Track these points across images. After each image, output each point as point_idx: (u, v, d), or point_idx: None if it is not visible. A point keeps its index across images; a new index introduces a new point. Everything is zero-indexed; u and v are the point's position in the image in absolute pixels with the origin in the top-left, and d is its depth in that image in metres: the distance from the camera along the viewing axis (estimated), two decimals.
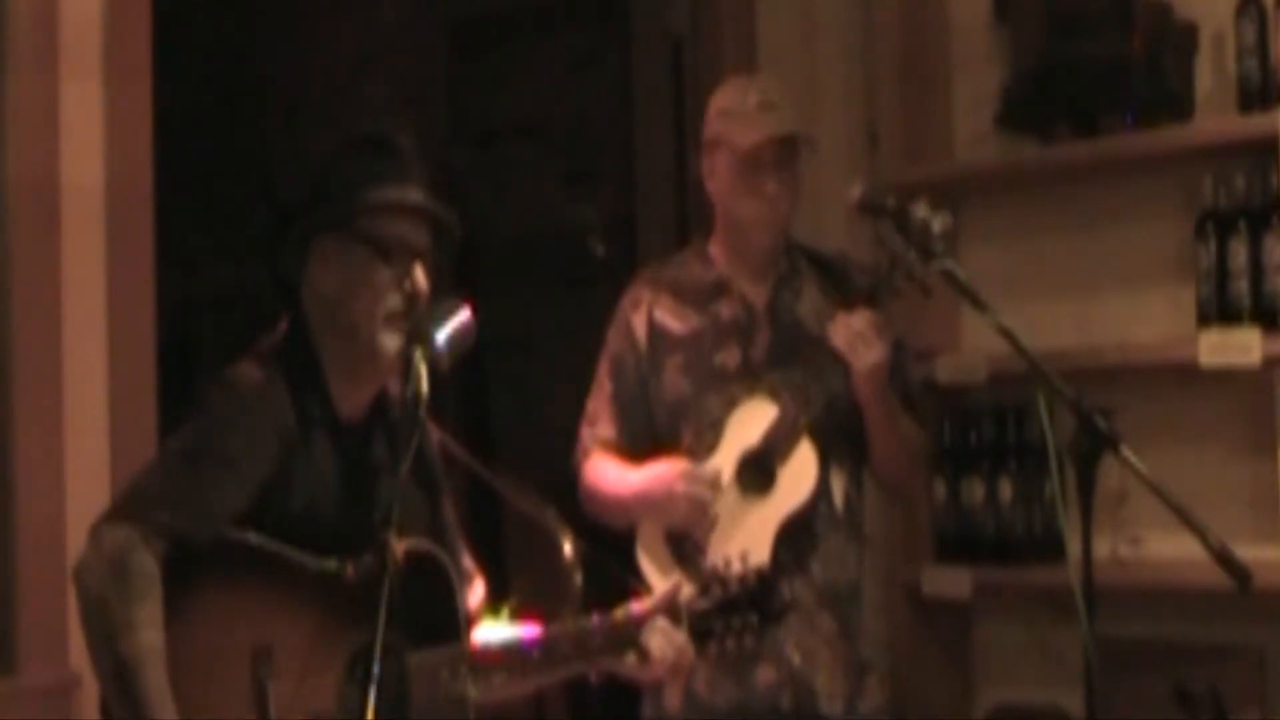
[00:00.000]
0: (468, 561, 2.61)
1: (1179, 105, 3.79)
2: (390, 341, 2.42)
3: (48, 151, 3.21)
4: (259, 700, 2.22)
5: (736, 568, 2.61)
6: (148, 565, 2.24)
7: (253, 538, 2.32)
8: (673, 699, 3.15)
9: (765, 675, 3.12)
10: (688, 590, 2.62)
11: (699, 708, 3.12)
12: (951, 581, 3.98)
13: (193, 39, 5.12)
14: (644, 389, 3.26)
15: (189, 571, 2.27)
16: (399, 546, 2.29)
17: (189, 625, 2.26)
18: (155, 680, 2.19)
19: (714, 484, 3.07)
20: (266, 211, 2.67)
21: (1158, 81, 3.76)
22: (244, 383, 2.42)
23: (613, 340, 3.31)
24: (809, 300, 3.27)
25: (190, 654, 2.24)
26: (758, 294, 3.26)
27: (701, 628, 2.58)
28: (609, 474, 3.23)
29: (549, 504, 2.88)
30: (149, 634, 2.21)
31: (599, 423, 3.28)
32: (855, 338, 3.05)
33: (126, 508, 2.31)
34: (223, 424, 2.37)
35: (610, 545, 3.09)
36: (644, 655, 2.55)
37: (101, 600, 2.22)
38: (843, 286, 3.25)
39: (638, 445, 3.24)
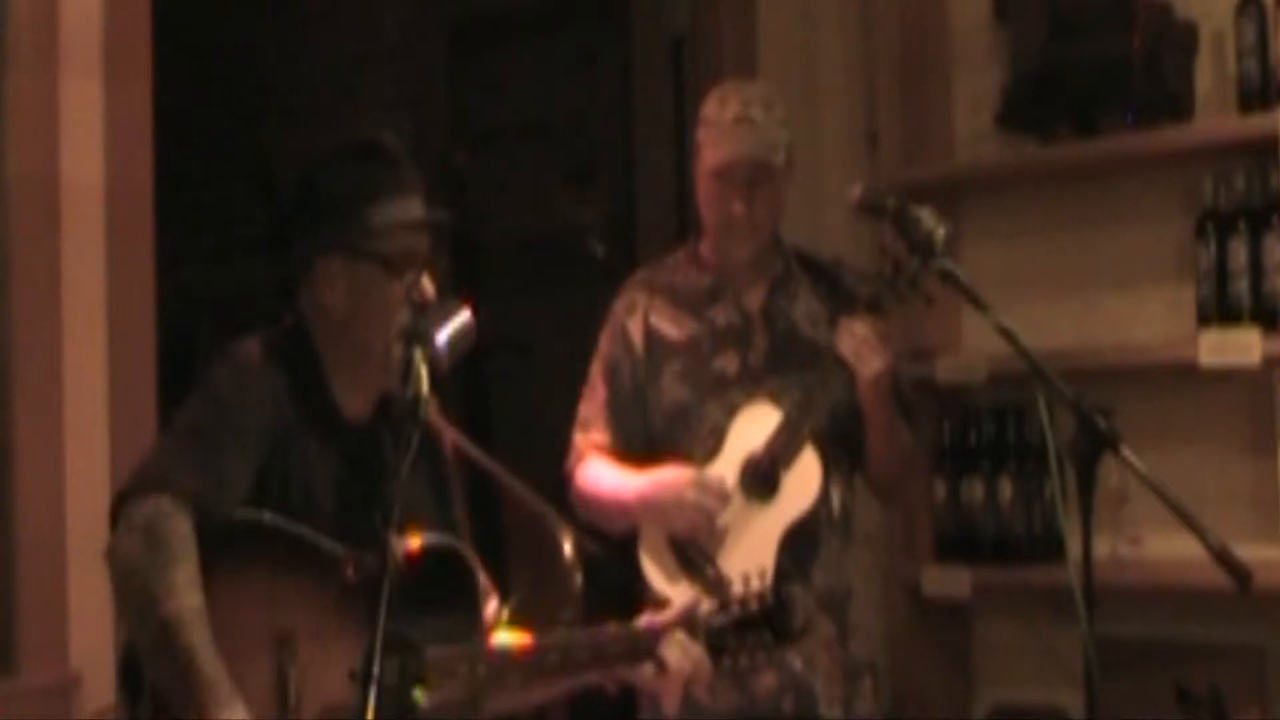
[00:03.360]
0: (482, 578, 2.60)
1: (1179, 105, 3.79)
2: (400, 351, 2.42)
3: (48, 151, 3.21)
4: (280, 687, 2.22)
5: (755, 586, 2.61)
6: (182, 528, 2.22)
7: (269, 517, 2.31)
8: (670, 705, 3.14)
9: (767, 681, 3.12)
10: (705, 605, 2.62)
11: (699, 713, 3.11)
12: (951, 581, 3.98)
13: (193, 39, 5.12)
14: (640, 395, 3.24)
15: (204, 551, 2.26)
16: (414, 542, 2.30)
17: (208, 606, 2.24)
18: (201, 638, 2.17)
19: (723, 495, 3.06)
20: (267, 219, 2.67)
21: (1158, 81, 3.76)
22: (244, 357, 2.43)
23: (606, 345, 3.30)
24: (803, 304, 3.26)
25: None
26: (752, 298, 3.25)
27: (716, 643, 2.58)
28: (607, 476, 3.22)
29: (549, 505, 2.89)
30: (191, 596, 2.19)
31: (593, 428, 3.27)
32: (861, 344, 3.05)
33: (148, 480, 2.29)
34: (224, 395, 2.38)
35: (613, 547, 3.09)
36: (661, 666, 2.55)
37: (137, 570, 2.20)
38: (838, 292, 3.25)
39: (632, 451, 3.23)
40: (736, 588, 2.62)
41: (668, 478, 3.11)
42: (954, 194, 4.17)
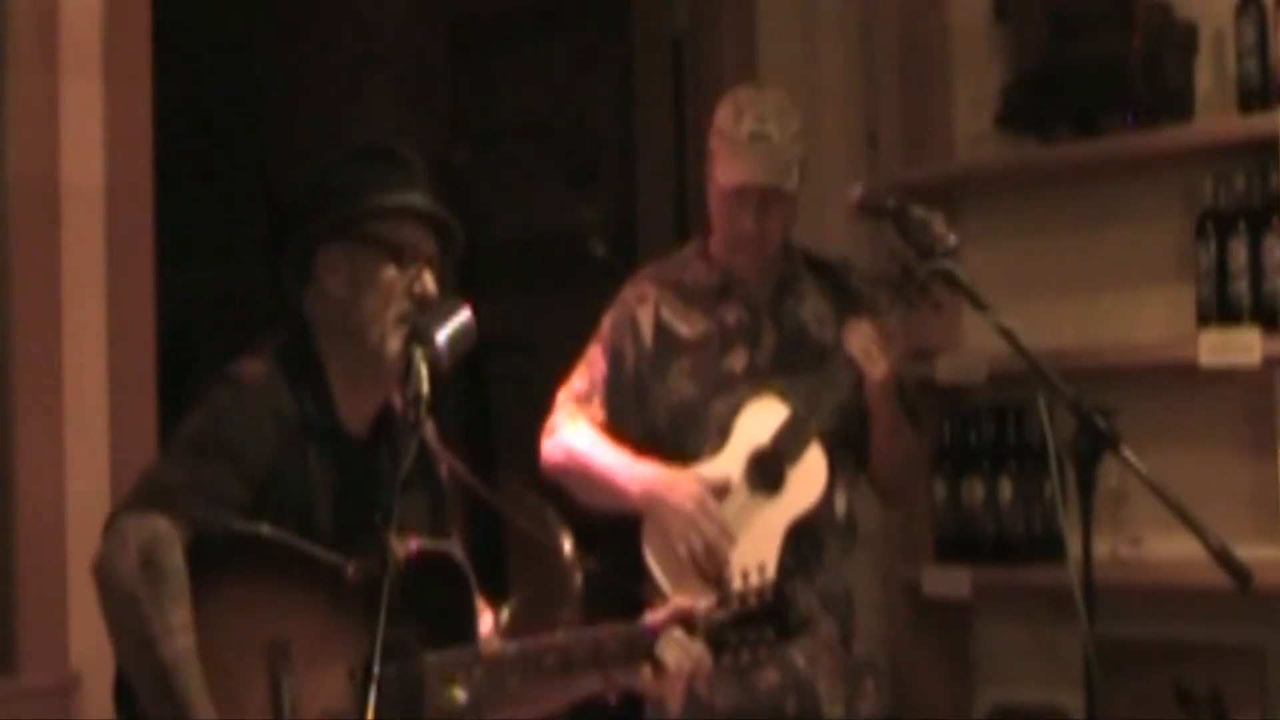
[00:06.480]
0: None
1: (1179, 105, 3.79)
2: (398, 344, 2.42)
3: (48, 151, 3.21)
4: (274, 697, 2.22)
5: (755, 581, 2.60)
6: (177, 561, 2.23)
7: (265, 529, 2.31)
8: (673, 706, 3.14)
9: (769, 679, 3.12)
10: (704, 601, 2.61)
11: (701, 710, 3.11)
12: (951, 581, 3.98)
13: (193, 39, 5.12)
14: (641, 385, 3.23)
15: (202, 564, 2.26)
16: (412, 546, 2.30)
17: (202, 618, 2.24)
18: (195, 684, 2.19)
19: (721, 527, 3.04)
20: (268, 218, 2.68)
21: (1158, 81, 3.76)
22: (246, 376, 2.42)
23: (612, 329, 3.28)
24: (811, 304, 3.26)
25: (203, 647, 2.24)
26: (761, 296, 3.25)
27: (717, 639, 2.57)
28: (602, 451, 3.19)
29: (548, 505, 2.88)
30: (186, 637, 2.21)
31: (589, 402, 3.24)
32: (869, 344, 3.05)
33: (148, 497, 2.29)
34: (225, 416, 2.37)
35: (615, 544, 3.09)
36: (659, 667, 2.54)
37: (135, 601, 2.21)
38: (845, 293, 3.25)
39: (621, 437, 3.22)
40: (736, 583, 2.62)
41: (675, 484, 3.10)
42: (954, 194, 4.17)
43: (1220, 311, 3.63)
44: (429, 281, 2.46)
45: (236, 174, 6.11)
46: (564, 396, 3.28)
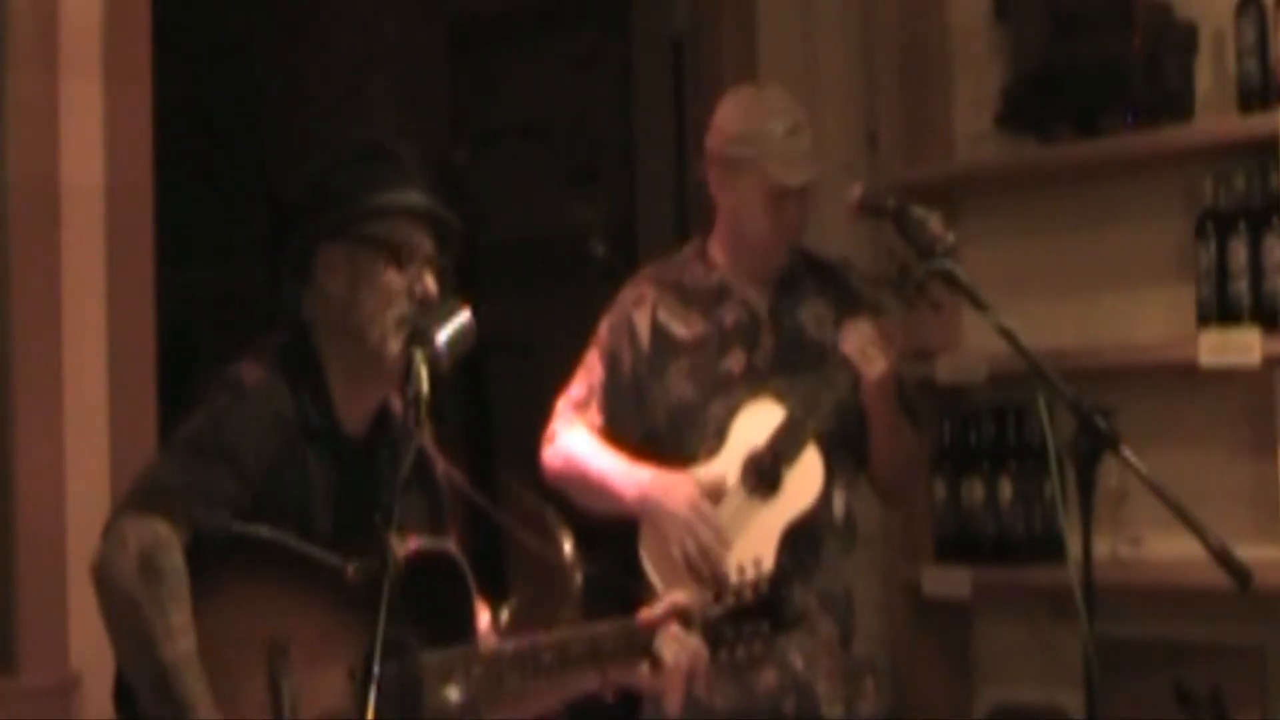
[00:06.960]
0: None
1: (1179, 105, 3.79)
2: (398, 344, 2.42)
3: (48, 151, 3.21)
4: (273, 696, 2.22)
5: (750, 575, 2.60)
6: (177, 563, 2.23)
7: (264, 531, 2.31)
8: (673, 703, 3.14)
9: (767, 680, 3.12)
10: (700, 596, 2.62)
11: (699, 712, 3.11)
12: (951, 581, 3.98)
13: (193, 39, 5.12)
14: (639, 387, 3.23)
15: (201, 563, 2.26)
16: (411, 545, 2.30)
17: (201, 617, 2.25)
18: (197, 685, 2.20)
19: (716, 529, 3.04)
20: (268, 218, 2.68)
21: (1158, 81, 3.76)
22: (246, 378, 2.42)
23: (609, 333, 3.28)
24: (810, 305, 3.26)
25: (202, 646, 2.24)
26: (760, 298, 3.25)
27: (714, 635, 2.58)
28: (599, 456, 3.19)
29: (549, 506, 2.88)
30: (187, 639, 2.21)
31: (588, 408, 3.25)
32: (866, 345, 3.05)
33: (148, 499, 2.29)
34: (225, 418, 2.37)
35: (615, 545, 3.09)
36: (656, 664, 2.54)
37: (135, 604, 2.21)
38: (844, 293, 3.25)
39: (620, 440, 3.22)
40: (732, 579, 2.62)
41: (670, 486, 3.10)
42: (954, 194, 4.17)
43: (1220, 311, 3.63)
44: (429, 281, 2.47)
45: (236, 174, 6.11)
46: (563, 404, 3.28)
